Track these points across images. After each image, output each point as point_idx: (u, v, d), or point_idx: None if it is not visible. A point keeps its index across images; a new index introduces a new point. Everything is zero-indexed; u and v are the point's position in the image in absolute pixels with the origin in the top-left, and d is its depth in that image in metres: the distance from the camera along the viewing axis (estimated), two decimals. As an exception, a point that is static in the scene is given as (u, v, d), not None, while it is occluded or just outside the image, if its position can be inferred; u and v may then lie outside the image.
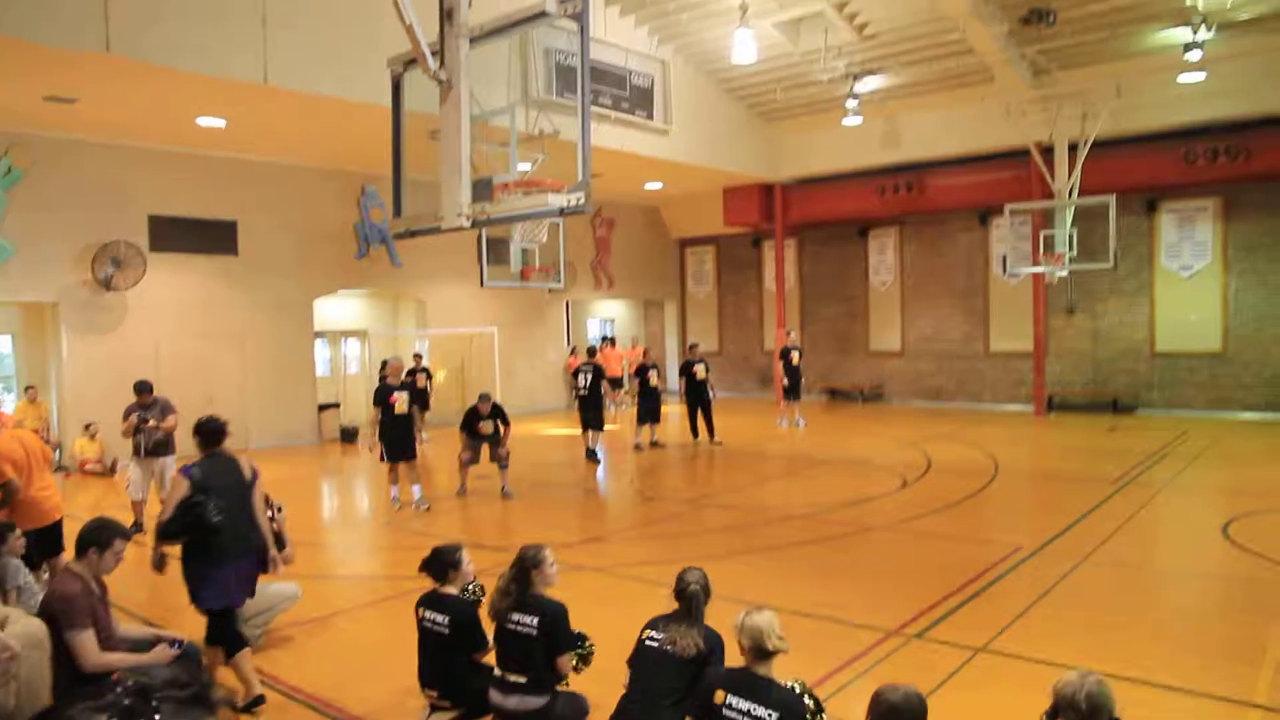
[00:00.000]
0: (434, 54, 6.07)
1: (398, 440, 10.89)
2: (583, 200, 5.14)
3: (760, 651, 3.74)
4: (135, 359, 14.31)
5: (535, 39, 14.54)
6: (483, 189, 5.63)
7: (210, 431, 5.64)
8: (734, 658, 3.92)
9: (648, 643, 4.31)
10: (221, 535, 5.25)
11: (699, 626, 4.25)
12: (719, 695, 3.71)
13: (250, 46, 11.25)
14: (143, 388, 9.77)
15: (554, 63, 15.21)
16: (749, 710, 3.62)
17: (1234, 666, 5.56)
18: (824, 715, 3.77)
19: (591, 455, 14.36)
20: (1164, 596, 7.35)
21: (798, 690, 3.81)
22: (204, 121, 13.65)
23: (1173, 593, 7.47)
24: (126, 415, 9.63)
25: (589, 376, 14.28)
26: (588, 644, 4.88)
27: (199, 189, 15.65)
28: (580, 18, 5.74)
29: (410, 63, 6.47)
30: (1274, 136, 16.14)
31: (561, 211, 5.13)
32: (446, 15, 6.13)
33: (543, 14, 5.73)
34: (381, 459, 11.09)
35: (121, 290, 14.57)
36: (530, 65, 14.75)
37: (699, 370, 15.71)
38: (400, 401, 10.89)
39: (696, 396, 15.76)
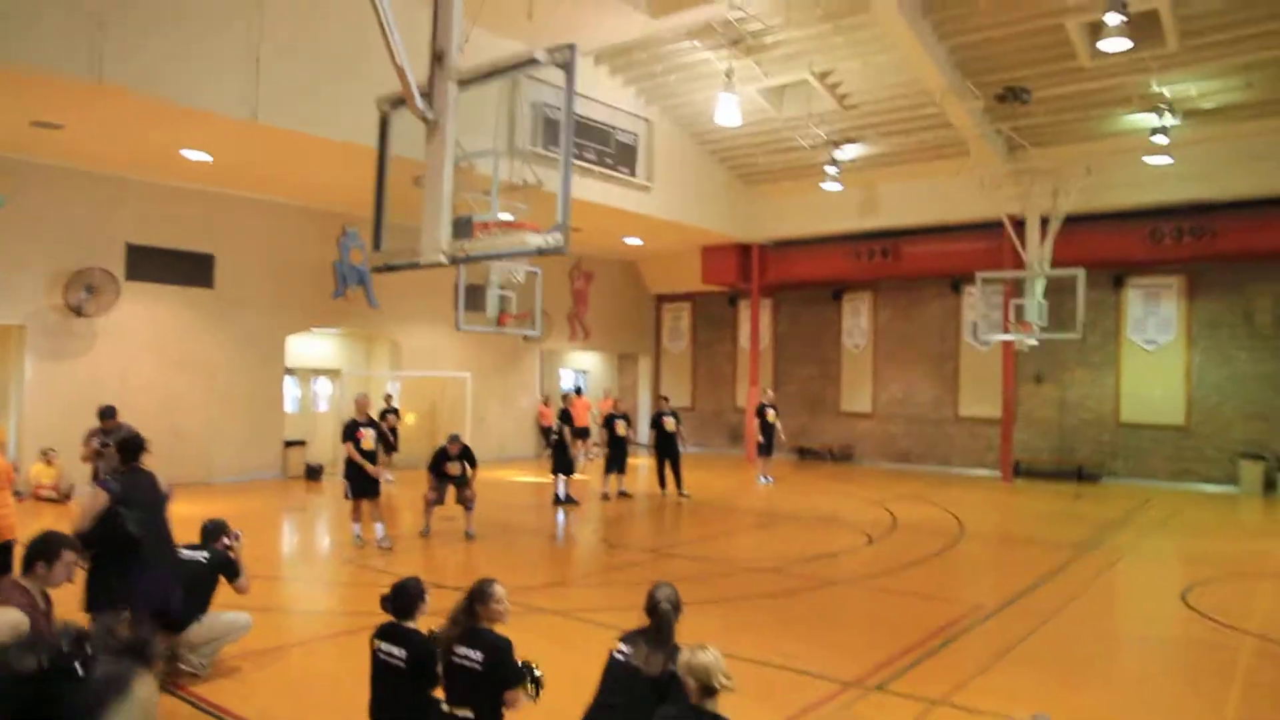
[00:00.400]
0: (423, 95, 6.19)
1: (362, 477, 10.81)
2: (560, 241, 5.22)
3: (707, 690, 3.75)
4: (100, 387, 14.15)
5: (523, 92, 14.81)
6: (463, 227, 5.72)
7: (132, 447, 5.97)
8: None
9: (617, 656, 4.30)
10: (140, 546, 5.29)
11: (668, 646, 4.22)
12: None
13: (242, 83, 11.37)
14: (106, 413, 9.69)
15: (541, 116, 15.45)
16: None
17: (1188, 728, 5.59)
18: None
19: (567, 499, 14.52)
20: (1123, 658, 7.38)
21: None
22: (190, 155, 13.71)
23: (1132, 655, 7.51)
24: (87, 439, 9.52)
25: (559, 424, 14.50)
26: (536, 672, 4.85)
27: (179, 221, 15.65)
28: (567, 67, 5.90)
29: (399, 103, 6.58)
30: (1237, 219, 16.64)
31: (539, 251, 5.21)
32: (437, 59, 6.27)
33: (532, 61, 5.88)
34: (346, 496, 11.00)
35: (92, 317, 14.47)
36: (517, 117, 14.99)
37: (669, 422, 15.78)
38: (367, 438, 10.83)
39: (666, 448, 15.79)
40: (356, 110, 11.04)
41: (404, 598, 5.10)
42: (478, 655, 4.62)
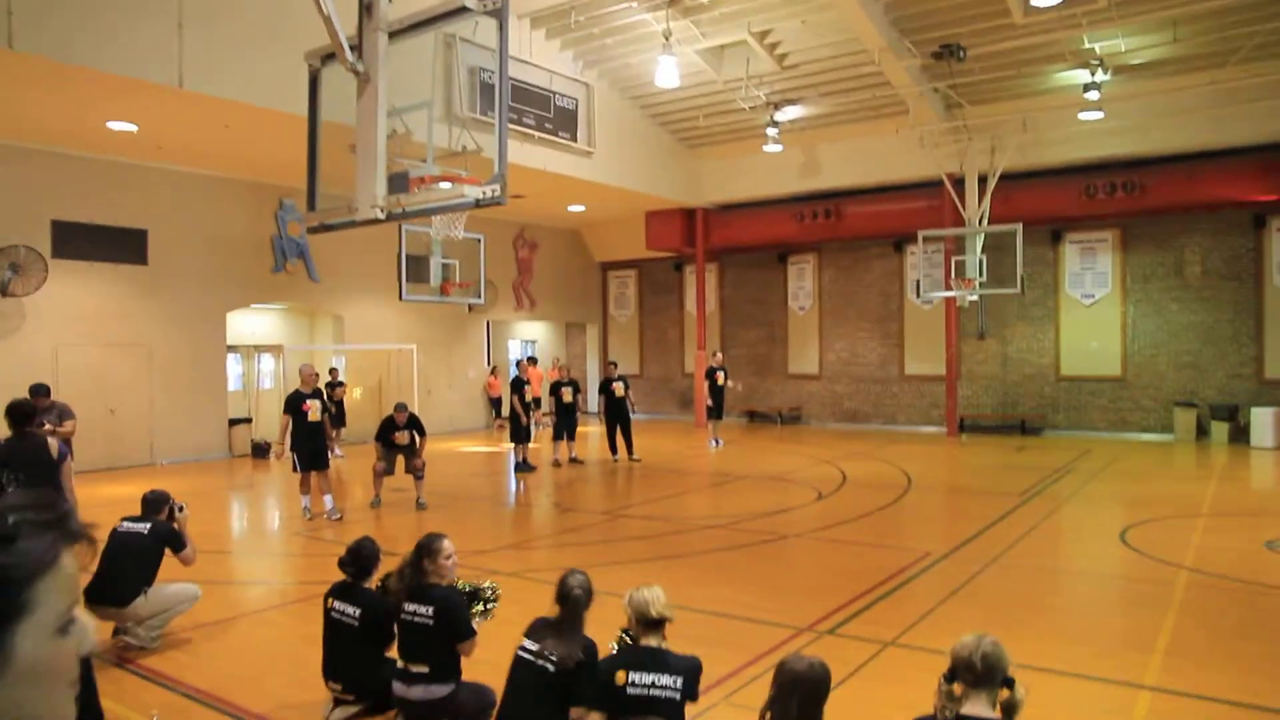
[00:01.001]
0: (352, 48, 6.04)
1: (309, 449, 10.65)
2: (499, 192, 5.15)
3: (647, 622, 3.77)
4: (32, 367, 13.69)
5: (458, 56, 14.54)
6: (399, 182, 5.60)
7: (19, 413, 6.32)
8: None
9: (523, 655, 4.07)
10: None
11: (579, 636, 4.03)
12: (619, 676, 3.70)
13: (164, 48, 11.00)
14: (39, 390, 9.36)
15: (477, 81, 15.21)
16: (653, 682, 3.63)
17: (1128, 655, 5.78)
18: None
19: (525, 466, 14.58)
20: (1065, 594, 7.59)
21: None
22: (115, 125, 13.26)
23: (1073, 591, 7.73)
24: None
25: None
26: (487, 593, 4.88)
27: (108, 195, 15.16)
28: (499, 14, 5.77)
29: (328, 57, 6.42)
30: (1165, 173, 17.05)
31: (477, 203, 5.13)
32: (365, 9, 6.10)
33: (462, 9, 5.74)
34: (294, 469, 10.84)
35: (20, 297, 13.99)
36: (453, 82, 14.72)
37: (618, 388, 15.79)
38: (313, 409, 10.65)
39: (616, 414, 15.80)
40: (285, 76, 10.76)
41: (362, 558, 5.06)
42: (427, 610, 4.59)
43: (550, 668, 3.93)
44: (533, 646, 4.04)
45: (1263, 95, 15.41)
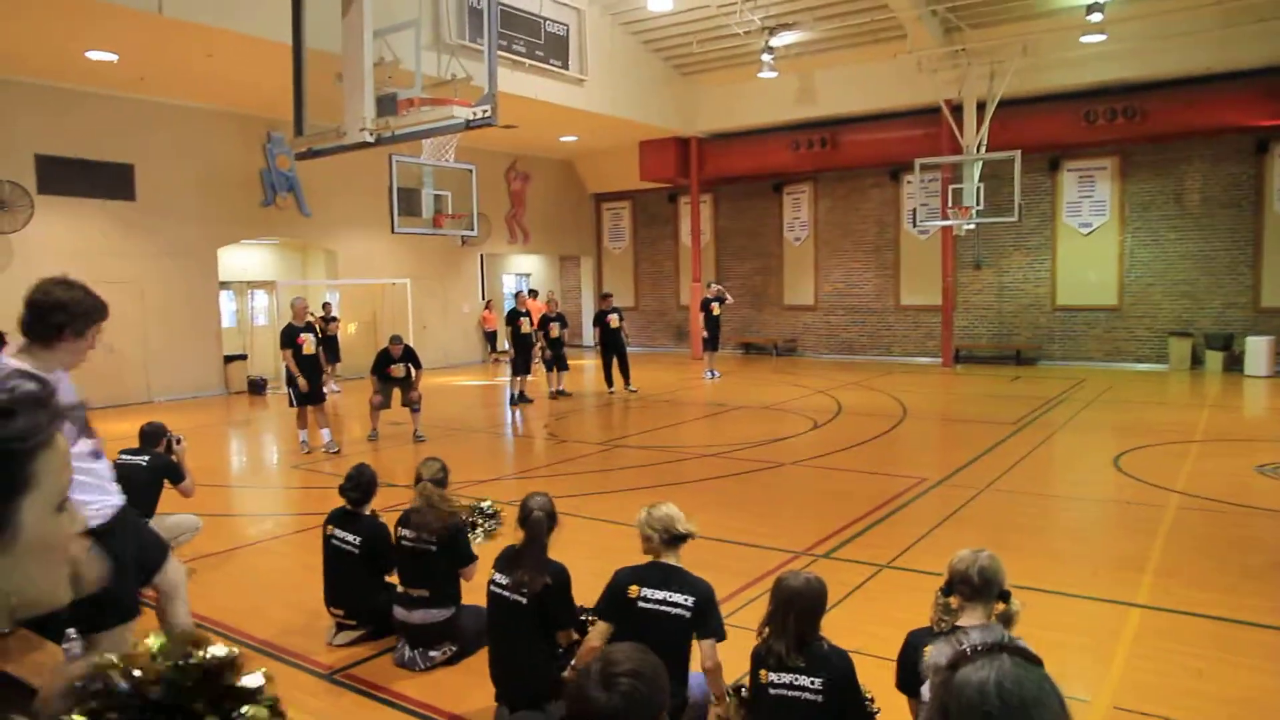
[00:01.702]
0: (337, -34, 5.87)
1: (306, 381, 10.64)
2: (489, 113, 5.05)
3: (672, 537, 3.77)
4: (20, 306, 13.60)
5: (447, -20, 14.16)
6: (387, 104, 5.49)
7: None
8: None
9: (494, 590, 4.07)
10: None
11: (545, 561, 4.02)
12: (632, 590, 3.70)
13: (143, -28, 10.69)
14: (31, 327, 9.32)
15: (466, 6, 14.84)
16: (665, 598, 3.63)
17: (1120, 574, 5.86)
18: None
19: (524, 398, 14.65)
20: (1058, 518, 7.67)
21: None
22: (94, 55, 12.94)
23: (1066, 515, 7.81)
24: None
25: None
26: (489, 509, 4.95)
27: (92, 129, 14.88)
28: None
29: (312, -25, 6.24)
30: (1167, 98, 16.79)
31: (468, 125, 5.03)
32: (350, -74, 5.92)
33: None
34: (290, 404, 10.84)
35: (6, 234, 13.83)
36: (442, 9, 14.38)
37: (613, 319, 15.73)
38: (307, 343, 10.62)
39: (612, 345, 15.78)
40: (268, 1, 10.51)
41: (363, 482, 5.08)
42: (430, 535, 4.63)
43: (523, 600, 3.93)
44: (503, 580, 4.03)
45: (1271, 14, 15.06)
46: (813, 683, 3.20)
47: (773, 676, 3.26)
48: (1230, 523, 7.12)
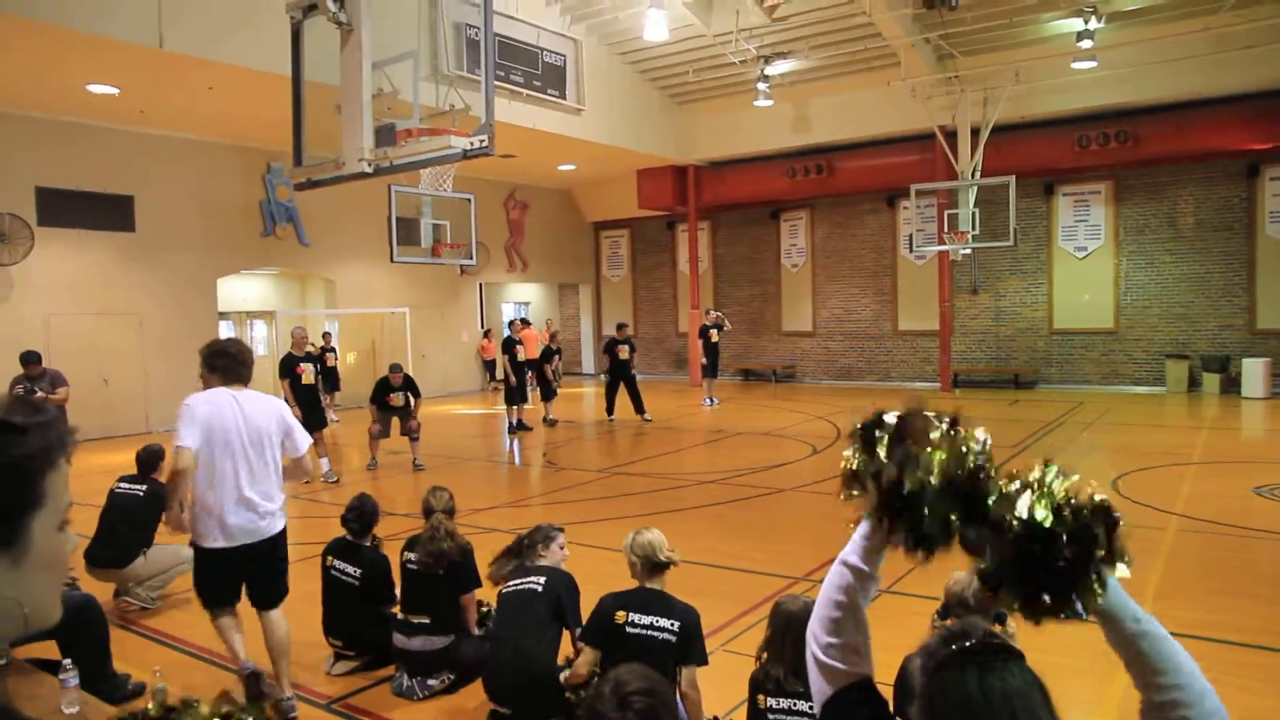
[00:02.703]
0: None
1: (304, 412, 10.65)
2: (486, 143, 5.11)
3: (653, 565, 3.82)
4: (23, 337, 13.60)
5: (443, 11, 14.31)
6: (385, 134, 5.55)
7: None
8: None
9: (504, 591, 4.30)
10: None
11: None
12: (619, 616, 3.75)
13: (143, 6, 10.81)
14: (30, 358, 9.36)
15: (464, 38, 14.99)
16: (651, 624, 3.68)
17: (1119, 597, 5.84)
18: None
19: (522, 426, 14.66)
20: (1057, 543, 7.65)
21: None
22: (95, 89, 13.08)
23: (1065, 540, 7.79)
24: (12, 387, 9.20)
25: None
26: None
27: (92, 161, 14.99)
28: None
29: (310, 8, 6.31)
30: (1158, 123, 16.95)
31: (465, 155, 5.09)
32: (347, -41, 6.00)
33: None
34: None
35: (7, 266, 13.89)
36: (439, 39, 14.52)
37: (622, 350, 15.80)
38: (306, 373, 10.66)
39: (620, 374, 15.84)
40: (268, 35, 10.64)
41: (365, 513, 5.09)
42: (438, 562, 4.67)
43: (539, 588, 4.13)
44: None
45: (1257, 40, 15.25)
46: (811, 708, 3.19)
47: (771, 701, 3.26)
48: (1229, 545, 7.12)
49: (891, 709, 3.29)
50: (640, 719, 2.04)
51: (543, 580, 4.15)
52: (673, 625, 3.66)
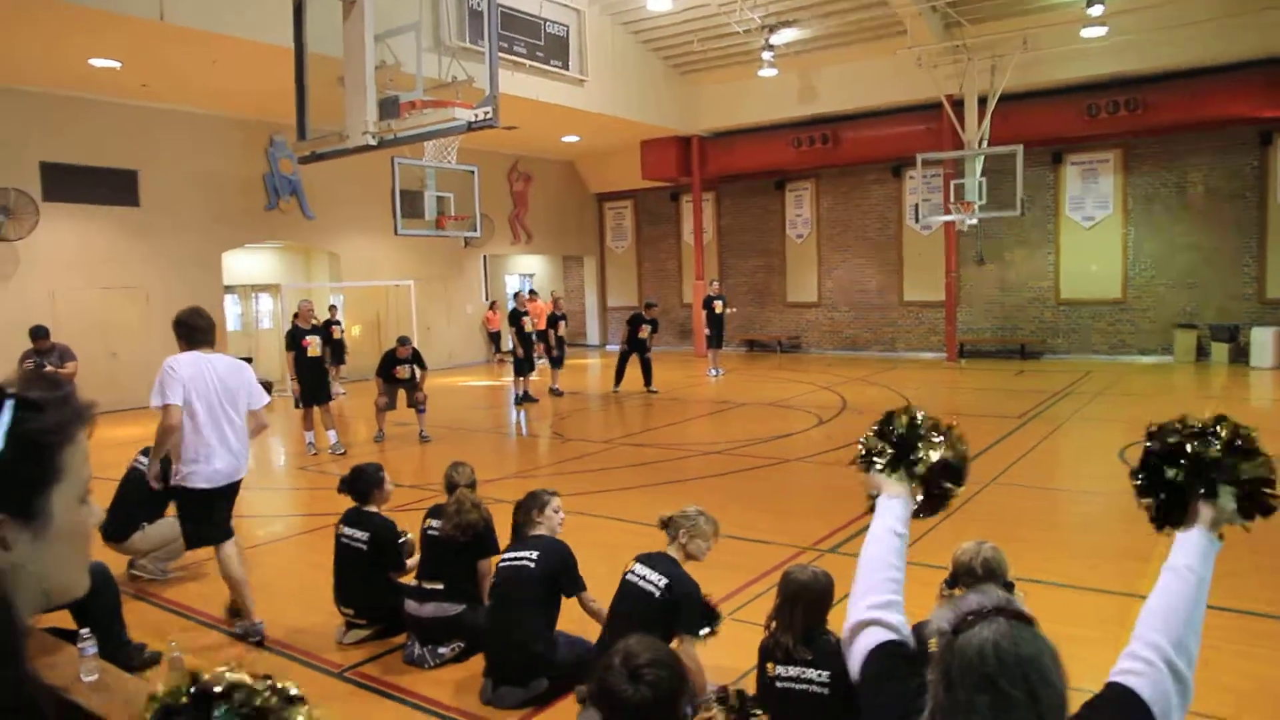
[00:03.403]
0: (338, -30, 5.90)
1: (310, 384, 10.71)
2: (491, 115, 5.08)
3: (666, 532, 4.18)
4: (30, 312, 13.61)
5: (447, -18, 14.19)
6: (389, 107, 5.52)
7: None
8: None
9: (502, 563, 4.45)
10: None
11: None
12: (629, 564, 4.10)
13: (145, -21, 10.74)
14: (39, 333, 9.38)
15: (466, 9, 14.86)
16: (645, 575, 3.95)
17: (1124, 565, 5.87)
18: None
19: (526, 398, 14.66)
20: (1063, 511, 7.69)
21: None
22: (97, 63, 13.00)
23: (1071, 508, 7.82)
24: (21, 361, 9.24)
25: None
26: None
27: (96, 136, 14.94)
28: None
29: (313, -20, 6.27)
30: (1169, 90, 16.76)
31: (469, 126, 5.06)
32: (349, -71, 5.96)
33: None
34: (296, 405, 10.90)
35: (12, 241, 13.89)
36: (442, 12, 14.41)
37: (644, 330, 15.85)
38: (313, 345, 10.69)
39: (635, 349, 15.88)
40: (270, 7, 10.56)
41: (361, 481, 5.14)
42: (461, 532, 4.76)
43: (532, 565, 4.26)
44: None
45: (1273, 3, 15.04)
46: (820, 675, 3.23)
47: (780, 669, 3.29)
48: (1235, 513, 7.11)
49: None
50: (652, 690, 2.06)
51: (535, 555, 4.25)
52: (660, 581, 3.87)
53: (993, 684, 1.31)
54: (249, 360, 17.73)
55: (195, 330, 5.36)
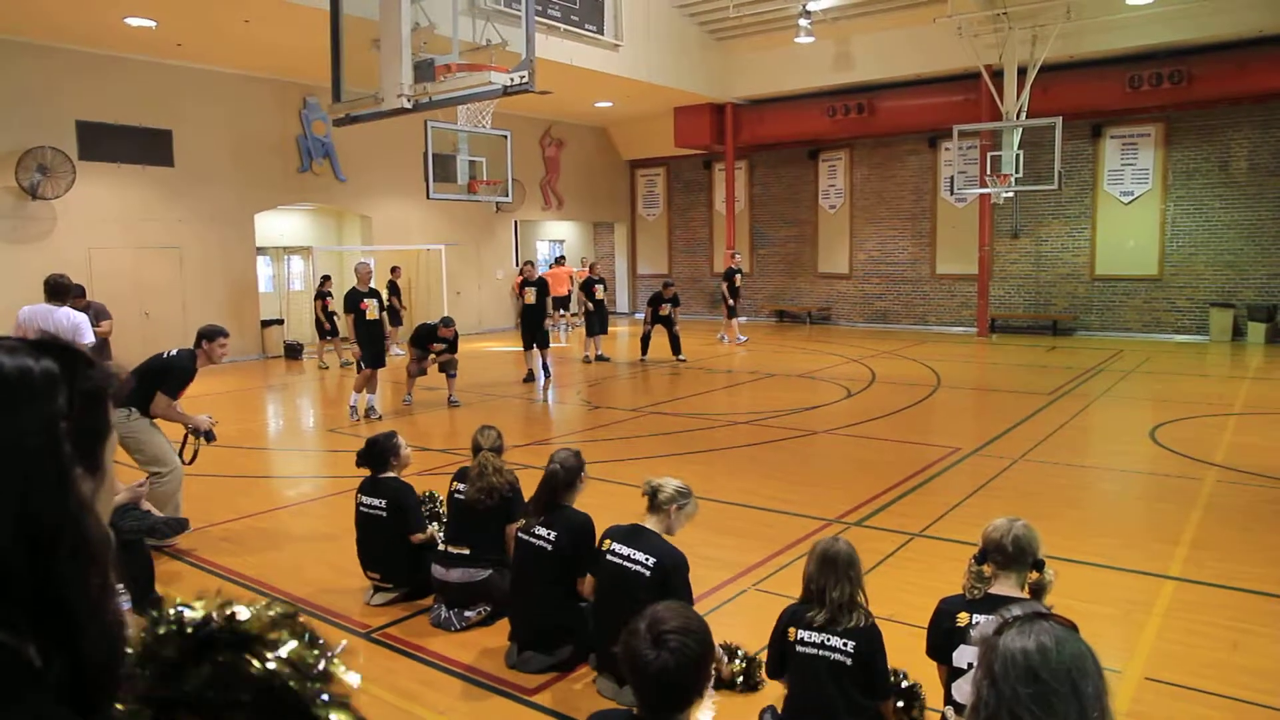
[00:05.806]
0: (374, -69, 5.87)
1: (368, 347, 10.81)
2: (527, 79, 5.05)
3: (652, 502, 3.98)
4: (65, 270, 13.72)
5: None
6: (424, 70, 5.50)
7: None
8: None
9: (521, 537, 4.41)
10: None
11: (553, 506, 4.35)
12: (605, 544, 4.00)
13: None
14: (74, 291, 9.48)
15: (502, -30, 14.75)
16: (629, 555, 3.86)
17: (1154, 546, 5.82)
18: None
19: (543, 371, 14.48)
20: (1092, 489, 7.62)
21: None
22: (133, 22, 13.05)
23: (1100, 486, 7.75)
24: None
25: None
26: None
27: (131, 95, 15.02)
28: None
29: (349, -60, 6.24)
30: (1213, 63, 16.35)
31: (505, 90, 5.04)
32: (386, -110, 5.91)
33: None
34: (358, 368, 11.01)
35: (49, 199, 14.04)
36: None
37: (664, 308, 15.85)
38: (370, 308, 10.83)
39: (660, 323, 15.90)
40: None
41: (375, 450, 5.19)
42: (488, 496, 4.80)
43: (548, 546, 4.23)
44: (541, 528, 4.34)
45: (1324, -23, 14.61)
46: (845, 644, 3.24)
47: (803, 634, 3.30)
48: (1270, 497, 7.03)
49: (926, 650, 3.33)
50: (676, 657, 2.08)
51: (553, 536, 4.23)
52: (647, 560, 3.80)
53: (1036, 677, 1.39)
54: (280, 321, 17.91)
55: (49, 289, 6.96)
